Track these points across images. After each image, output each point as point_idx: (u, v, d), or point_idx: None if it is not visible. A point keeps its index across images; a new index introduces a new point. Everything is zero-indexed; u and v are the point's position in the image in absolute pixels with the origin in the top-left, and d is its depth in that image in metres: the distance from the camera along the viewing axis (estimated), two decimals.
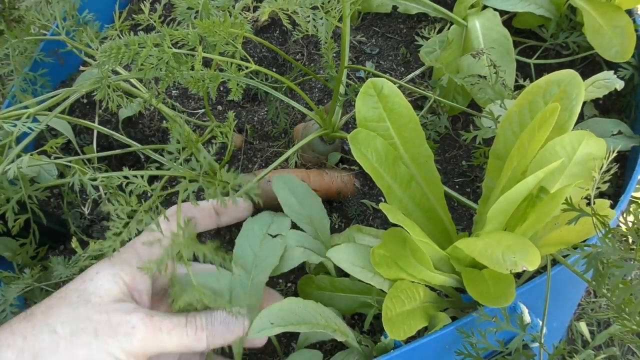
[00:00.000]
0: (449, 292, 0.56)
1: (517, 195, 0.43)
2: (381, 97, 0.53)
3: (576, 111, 0.48)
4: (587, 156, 0.48)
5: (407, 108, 0.54)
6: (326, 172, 0.73)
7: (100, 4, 0.95)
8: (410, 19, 0.89)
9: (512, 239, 0.42)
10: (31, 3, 0.73)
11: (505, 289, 0.45)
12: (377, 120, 0.54)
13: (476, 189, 0.71)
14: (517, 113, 0.51)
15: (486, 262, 0.41)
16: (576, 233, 0.50)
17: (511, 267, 0.40)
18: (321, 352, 0.56)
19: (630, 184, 0.58)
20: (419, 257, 0.48)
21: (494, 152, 0.53)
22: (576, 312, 1.08)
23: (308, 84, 0.85)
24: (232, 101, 0.86)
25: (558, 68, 0.63)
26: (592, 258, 0.43)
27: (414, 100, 0.79)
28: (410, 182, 0.54)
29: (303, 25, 0.58)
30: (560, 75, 0.49)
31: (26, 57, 0.75)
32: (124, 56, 0.49)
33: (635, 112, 0.70)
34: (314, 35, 0.57)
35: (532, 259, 0.39)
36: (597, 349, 1.04)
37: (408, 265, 0.49)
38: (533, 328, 0.50)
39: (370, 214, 0.71)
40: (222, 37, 0.52)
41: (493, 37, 0.73)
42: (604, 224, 0.44)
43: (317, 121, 0.71)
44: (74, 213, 0.77)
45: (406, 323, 0.48)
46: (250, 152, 0.80)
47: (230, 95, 0.55)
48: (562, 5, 0.76)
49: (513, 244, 0.41)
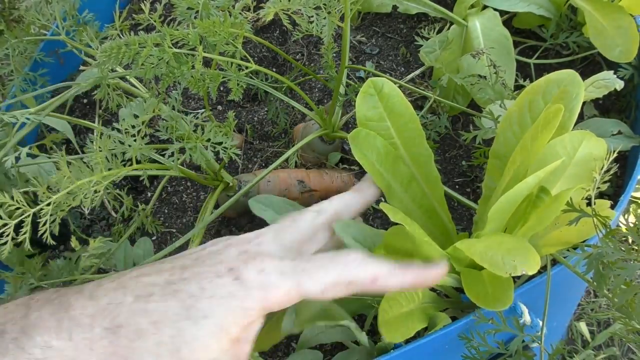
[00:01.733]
0: (449, 292, 0.56)
1: (518, 195, 0.43)
2: (381, 96, 0.53)
3: (576, 111, 0.48)
4: (587, 156, 0.48)
5: (407, 107, 0.54)
6: (326, 172, 0.73)
7: (100, 4, 0.95)
8: (410, 19, 0.90)
9: (512, 242, 0.42)
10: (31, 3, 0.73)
11: (503, 292, 0.45)
12: (378, 119, 0.53)
13: (476, 189, 0.71)
14: (517, 113, 0.51)
15: (486, 264, 0.40)
16: (576, 233, 0.50)
17: (511, 270, 0.39)
18: (321, 352, 0.56)
19: (630, 184, 0.58)
20: (420, 256, 0.48)
21: (494, 152, 0.53)
22: (576, 312, 1.08)
23: (308, 84, 0.85)
24: (232, 101, 0.86)
25: (558, 68, 0.63)
26: (592, 259, 0.43)
27: (414, 100, 0.79)
28: (411, 181, 0.54)
29: (303, 25, 0.58)
30: (561, 75, 0.49)
31: (26, 57, 0.75)
32: (125, 56, 0.49)
33: (635, 112, 0.70)
34: (313, 35, 0.57)
35: (532, 263, 0.39)
36: (597, 349, 1.04)
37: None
38: (533, 328, 0.50)
39: (370, 214, 0.71)
40: (222, 37, 0.52)
41: (493, 37, 0.73)
42: (604, 225, 0.44)
43: (317, 121, 0.71)
44: (74, 213, 0.77)
45: (404, 325, 0.48)
46: (250, 152, 0.80)
47: (230, 95, 0.55)
48: (562, 5, 0.76)
49: (513, 247, 0.41)
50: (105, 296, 0.38)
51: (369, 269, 0.40)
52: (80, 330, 0.36)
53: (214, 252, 0.41)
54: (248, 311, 0.37)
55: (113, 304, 0.37)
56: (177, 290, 0.37)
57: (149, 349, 0.36)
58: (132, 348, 0.36)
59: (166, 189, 0.78)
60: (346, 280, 0.39)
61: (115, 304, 0.37)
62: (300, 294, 0.39)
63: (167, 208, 0.77)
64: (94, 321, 0.37)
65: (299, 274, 0.39)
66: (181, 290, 0.37)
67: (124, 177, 0.79)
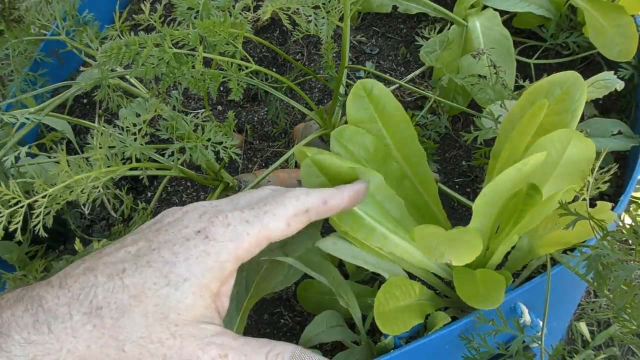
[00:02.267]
0: (447, 292, 0.56)
1: (500, 186, 0.43)
2: (371, 98, 0.53)
3: (579, 113, 0.47)
4: (577, 155, 0.48)
5: (398, 109, 0.54)
6: None
7: (100, 4, 0.95)
8: (410, 19, 0.90)
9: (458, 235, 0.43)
10: (31, 3, 0.74)
11: (494, 291, 0.45)
12: (369, 121, 0.53)
13: (476, 189, 0.71)
14: (519, 114, 0.51)
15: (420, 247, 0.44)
16: (576, 233, 0.50)
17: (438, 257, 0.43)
18: (321, 352, 0.56)
19: (630, 184, 0.58)
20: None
21: (495, 153, 0.53)
22: (576, 312, 1.08)
23: (308, 84, 0.85)
24: (232, 101, 0.86)
25: (558, 68, 0.63)
26: (592, 260, 0.43)
27: (414, 100, 0.79)
28: (403, 180, 0.54)
29: (303, 25, 0.58)
30: (563, 76, 0.49)
31: (26, 58, 0.75)
32: (125, 56, 0.49)
33: (635, 112, 0.70)
34: (314, 35, 0.57)
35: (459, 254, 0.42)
36: (597, 349, 1.04)
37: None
38: (533, 328, 0.50)
39: None
40: (222, 37, 0.52)
41: (493, 37, 0.73)
42: (601, 227, 0.44)
43: (317, 121, 0.71)
44: (74, 213, 0.77)
45: (400, 319, 0.48)
46: (250, 152, 0.80)
47: (230, 95, 0.56)
48: (562, 5, 0.76)
49: (454, 238, 0.43)
50: (76, 282, 0.38)
51: (316, 195, 0.43)
52: (59, 320, 0.36)
53: (175, 220, 0.42)
54: (224, 264, 0.39)
55: (86, 287, 0.37)
56: (150, 261, 0.38)
57: (136, 322, 0.36)
58: (118, 326, 0.36)
59: (166, 189, 0.78)
60: (303, 208, 0.42)
61: (88, 287, 0.37)
62: (267, 235, 0.41)
63: (167, 208, 0.77)
64: (71, 309, 0.36)
65: (261, 217, 0.41)
66: (154, 260, 0.38)
67: (124, 177, 0.79)
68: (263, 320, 0.65)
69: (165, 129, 0.54)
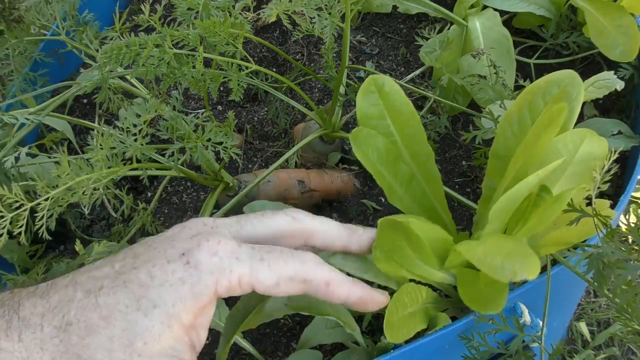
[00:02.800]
0: (449, 292, 0.56)
1: (519, 195, 0.43)
2: (382, 94, 0.53)
3: (576, 111, 0.48)
4: (588, 155, 0.48)
5: (407, 105, 0.54)
6: (326, 172, 0.73)
7: (100, 4, 0.95)
8: (410, 19, 0.90)
9: (512, 246, 0.41)
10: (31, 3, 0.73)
11: (497, 295, 0.45)
12: (378, 117, 0.53)
13: (476, 189, 0.71)
14: (517, 113, 0.51)
15: (485, 269, 0.40)
16: (577, 233, 0.50)
17: (511, 276, 0.38)
18: (321, 353, 0.56)
19: (630, 184, 0.58)
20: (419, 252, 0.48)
21: (494, 153, 0.53)
22: (576, 312, 1.08)
23: (308, 84, 0.85)
24: (232, 101, 0.86)
25: (558, 68, 0.63)
26: (593, 259, 0.43)
27: (414, 100, 0.79)
28: (411, 180, 0.54)
29: (303, 26, 0.58)
30: (560, 75, 0.49)
31: (26, 57, 0.75)
32: (125, 57, 0.49)
33: (635, 112, 0.70)
34: (314, 35, 0.57)
35: (532, 268, 0.38)
36: (597, 349, 1.04)
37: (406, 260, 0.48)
38: (533, 328, 0.50)
39: (370, 214, 0.71)
40: (222, 37, 0.52)
41: (493, 37, 0.73)
42: (605, 225, 0.44)
43: (317, 121, 0.71)
44: (74, 213, 0.77)
45: (406, 326, 0.48)
46: (250, 152, 0.80)
47: (231, 95, 0.56)
48: (562, 5, 0.76)
49: (513, 251, 0.40)
50: (56, 294, 0.37)
51: (325, 271, 0.39)
52: (30, 330, 0.36)
53: (169, 236, 0.40)
54: (199, 296, 0.36)
55: (63, 301, 0.36)
56: (126, 281, 0.36)
57: (101, 345, 0.35)
58: (83, 345, 0.35)
59: (166, 189, 0.79)
60: (303, 277, 0.38)
61: (65, 301, 0.36)
62: (251, 284, 0.37)
63: (167, 208, 0.77)
64: (43, 320, 0.36)
65: (255, 262, 0.38)
66: (131, 280, 0.36)
67: (124, 177, 0.79)
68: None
69: (165, 129, 0.54)
